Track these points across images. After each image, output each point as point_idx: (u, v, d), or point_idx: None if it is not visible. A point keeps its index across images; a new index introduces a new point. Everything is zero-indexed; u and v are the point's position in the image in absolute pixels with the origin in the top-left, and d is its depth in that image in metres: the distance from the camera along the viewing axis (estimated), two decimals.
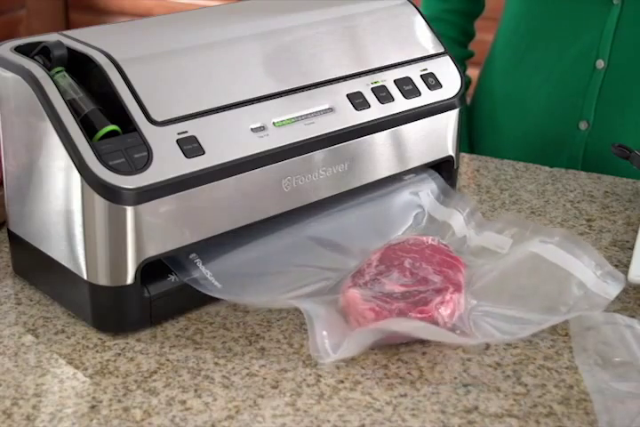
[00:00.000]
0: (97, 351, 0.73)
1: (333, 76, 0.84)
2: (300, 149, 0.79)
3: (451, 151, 0.93)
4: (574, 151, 1.17)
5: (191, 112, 0.75)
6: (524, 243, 0.83)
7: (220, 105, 0.77)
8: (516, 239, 0.84)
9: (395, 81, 0.87)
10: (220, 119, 0.76)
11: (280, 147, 0.78)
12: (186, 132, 0.74)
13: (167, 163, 0.72)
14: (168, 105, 0.74)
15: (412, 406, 0.68)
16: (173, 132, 0.73)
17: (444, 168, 0.95)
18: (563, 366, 0.72)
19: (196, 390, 0.69)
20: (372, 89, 0.85)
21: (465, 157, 1.10)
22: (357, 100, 0.84)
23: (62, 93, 0.71)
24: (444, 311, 0.73)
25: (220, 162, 0.74)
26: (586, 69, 1.14)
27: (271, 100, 0.79)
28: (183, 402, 0.68)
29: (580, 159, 1.17)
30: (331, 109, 0.82)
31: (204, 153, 0.74)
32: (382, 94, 0.86)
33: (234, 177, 0.75)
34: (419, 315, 0.73)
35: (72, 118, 0.70)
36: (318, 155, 0.81)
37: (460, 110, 0.92)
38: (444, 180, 0.94)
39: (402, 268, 0.78)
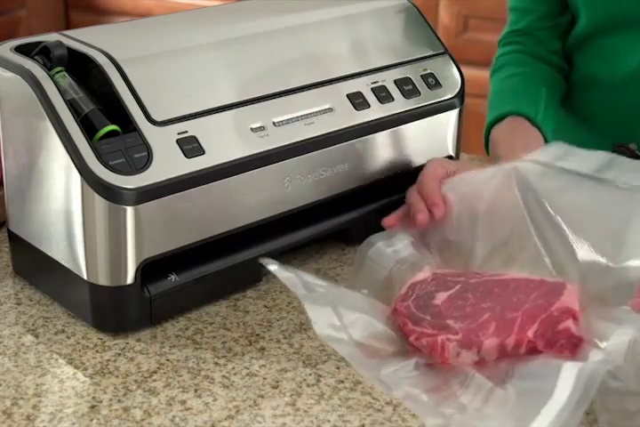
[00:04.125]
0: (97, 351, 0.73)
1: (333, 76, 0.84)
2: (300, 149, 0.79)
3: (451, 151, 0.93)
4: None
5: (191, 112, 0.75)
6: None
7: (219, 105, 0.77)
8: None
9: (395, 81, 0.87)
10: (220, 119, 0.76)
11: (280, 147, 0.78)
12: (186, 131, 0.74)
13: (167, 163, 0.72)
14: (168, 105, 0.74)
15: None
16: (173, 132, 0.73)
17: None
18: None
19: (196, 390, 0.69)
20: (372, 89, 0.85)
21: (464, 156, 1.10)
22: (357, 100, 0.84)
23: (62, 93, 0.71)
24: None
25: (220, 162, 0.74)
26: None
27: (271, 100, 0.79)
28: (183, 402, 0.68)
29: None
30: (331, 109, 0.82)
31: (203, 153, 0.74)
32: (382, 94, 0.86)
33: (234, 177, 0.75)
34: None
35: (72, 118, 0.70)
36: (318, 155, 0.81)
37: (460, 110, 0.92)
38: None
39: None
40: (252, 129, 0.77)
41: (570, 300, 0.73)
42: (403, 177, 0.89)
